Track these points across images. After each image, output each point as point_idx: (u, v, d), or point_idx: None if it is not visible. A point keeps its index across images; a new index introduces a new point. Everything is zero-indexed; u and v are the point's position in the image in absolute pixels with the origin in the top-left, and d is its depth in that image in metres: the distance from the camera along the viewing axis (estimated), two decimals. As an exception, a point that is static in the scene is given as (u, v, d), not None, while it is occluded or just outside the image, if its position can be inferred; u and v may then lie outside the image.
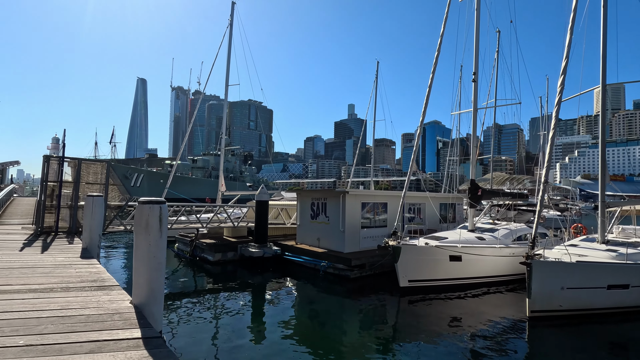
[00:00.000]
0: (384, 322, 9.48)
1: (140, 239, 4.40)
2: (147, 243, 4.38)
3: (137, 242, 4.41)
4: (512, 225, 14.06)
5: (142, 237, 4.39)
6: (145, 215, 4.39)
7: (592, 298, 9.04)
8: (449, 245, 11.32)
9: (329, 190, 14.83)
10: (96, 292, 4.85)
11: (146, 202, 4.45)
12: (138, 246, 4.40)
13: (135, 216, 4.44)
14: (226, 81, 22.67)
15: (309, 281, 13.01)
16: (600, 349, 7.88)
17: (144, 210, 4.40)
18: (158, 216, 4.46)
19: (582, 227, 17.60)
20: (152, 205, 4.43)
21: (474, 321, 9.20)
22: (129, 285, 10.15)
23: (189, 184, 57.98)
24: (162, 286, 4.55)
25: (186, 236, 17.07)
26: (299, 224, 16.05)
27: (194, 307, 9.95)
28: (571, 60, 10.19)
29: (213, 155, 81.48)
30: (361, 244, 14.26)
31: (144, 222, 4.39)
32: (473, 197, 13.30)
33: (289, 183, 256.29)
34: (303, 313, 10.03)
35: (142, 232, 4.39)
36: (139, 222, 4.41)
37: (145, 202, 4.45)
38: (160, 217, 4.48)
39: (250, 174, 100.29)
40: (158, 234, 4.46)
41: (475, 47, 13.79)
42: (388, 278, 13.18)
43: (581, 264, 8.88)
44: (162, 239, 4.52)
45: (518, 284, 12.54)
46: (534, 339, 8.27)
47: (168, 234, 17.05)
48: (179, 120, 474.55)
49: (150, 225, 4.40)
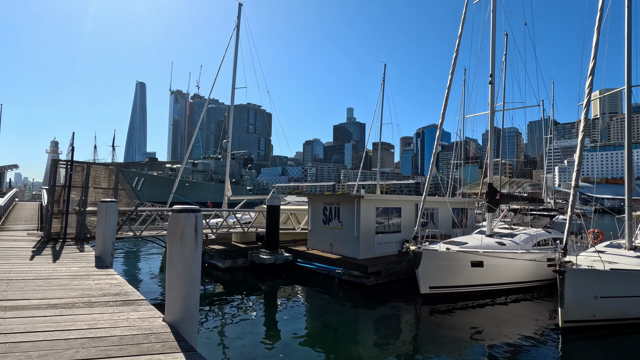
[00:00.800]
0: (404, 332, 9.10)
1: (174, 250, 4.03)
2: (182, 255, 4.02)
3: (172, 254, 4.05)
4: (530, 230, 13.73)
5: (177, 248, 4.03)
6: (180, 224, 4.03)
7: (626, 307, 8.69)
8: (471, 251, 10.97)
9: (342, 195, 14.48)
10: (123, 308, 4.47)
11: (181, 210, 4.10)
12: (172, 258, 4.04)
13: (170, 226, 4.09)
14: (233, 84, 22.34)
15: (324, 289, 12.61)
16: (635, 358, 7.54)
17: (179, 220, 4.04)
18: (194, 226, 4.11)
19: (599, 232, 17.27)
20: (188, 214, 4.08)
21: (501, 331, 8.84)
22: (152, 299, 9.76)
23: (191, 188, 57.56)
24: (198, 302, 4.18)
25: (194, 242, 16.65)
26: (310, 229, 15.67)
27: (207, 316, 9.54)
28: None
29: (214, 158, 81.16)
30: (375, 249, 13.90)
31: (179, 233, 4.03)
32: (491, 201, 12.98)
33: (288, 187, 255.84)
34: (320, 323, 9.64)
35: (177, 243, 4.03)
36: (174, 233, 4.05)
37: (180, 210, 4.10)
38: (195, 227, 4.12)
39: (250, 178, 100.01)
40: (194, 245, 4.10)
41: (492, 49, 13.53)
42: (405, 285, 12.83)
43: (616, 272, 8.54)
44: (197, 251, 4.16)
45: (540, 290, 12.21)
46: (569, 351, 7.91)
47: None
48: (177, 124, 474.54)
49: (185, 236, 4.04)
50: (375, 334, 8.86)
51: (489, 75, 13.42)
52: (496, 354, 7.55)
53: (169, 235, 4.09)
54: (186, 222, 4.05)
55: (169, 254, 4.08)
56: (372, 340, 8.45)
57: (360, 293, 12.00)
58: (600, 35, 9.85)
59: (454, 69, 11.62)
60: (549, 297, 11.77)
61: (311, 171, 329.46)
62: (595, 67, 9.70)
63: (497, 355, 7.49)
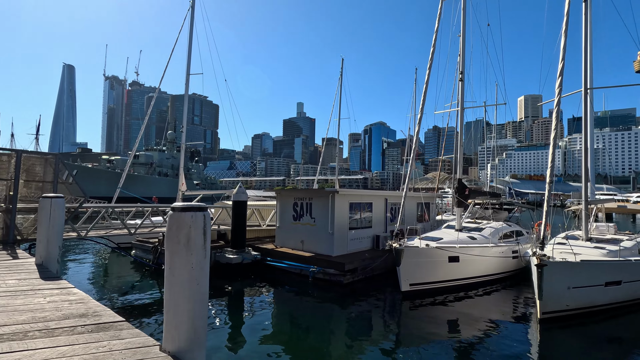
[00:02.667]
0: (385, 330, 8.84)
1: (177, 259, 3.16)
2: (188, 265, 3.15)
3: (173, 264, 3.17)
4: (494, 224, 14.32)
5: (182, 257, 3.15)
6: (185, 227, 3.16)
7: (592, 296, 9.25)
8: (449, 246, 11.04)
9: (315, 190, 13.89)
10: (99, 335, 3.46)
11: (185, 209, 3.22)
12: (174, 270, 3.16)
13: (170, 229, 3.19)
14: (187, 69, 20.48)
15: (297, 288, 11.96)
16: (604, 344, 8.03)
17: (184, 221, 3.17)
18: (202, 228, 3.26)
19: (547, 224, 18.62)
20: (195, 213, 3.21)
21: (481, 325, 8.93)
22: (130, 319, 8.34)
23: (133, 182, 52.87)
24: (206, 325, 3.34)
25: (147, 242, 14.97)
26: (278, 226, 14.86)
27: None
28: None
29: (157, 150, 75.69)
30: (349, 246, 13.54)
31: (184, 237, 3.16)
32: (462, 196, 13.26)
33: (237, 181, 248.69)
34: (293, 325, 9.01)
35: (181, 250, 3.16)
36: (176, 237, 3.17)
37: (184, 209, 3.22)
38: (204, 230, 3.28)
39: (197, 172, 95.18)
40: (202, 253, 3.25)
41: (462, 47, 13.79)
42: (380, 281, 12.65)
43: (585, 263, 9.03)
44: (206, 260, 3.31)
45: (505, 281, 12.74)
46: (549, 340, 8.18)
47: (125, 239, 14.73)
48: (113, 113, 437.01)
49: (192, 241, 3.18)
50: (354, 334, 8.46)
51: (460, 73, 13.67)
52: (480, 348, 7.54)
53: (170, 241, 3.20)
54: (193, 224, 3.19)
55: (169, 264, 3.20)
56: (351, 340, 8.03)
57: (336, 291, 11.54)
58: (567, 38, 10.33)
59: (431, 64, 11.59)
60: (513, 288, 12.35)
61: (260, 165, 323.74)
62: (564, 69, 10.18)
63: (481, 349, 7.47)
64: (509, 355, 7.24)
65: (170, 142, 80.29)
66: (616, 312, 9.65)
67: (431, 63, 11.59)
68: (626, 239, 11.64)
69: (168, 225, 3.24)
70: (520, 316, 9.60)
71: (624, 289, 9.57)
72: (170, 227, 3.20)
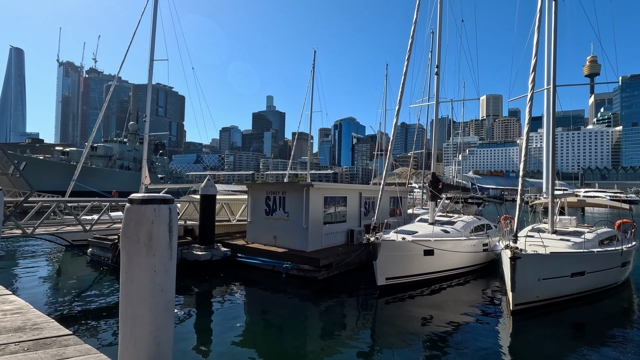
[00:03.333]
0: (363, 327, 8.60)
1: (136, 262, 2.63)
2: (150, 268, 2.63)
3: (131, 268, 2.63)
4: (465, 218, 14.54)
5: (142, 259, 2.63)
6: (146, 222, 2.63)
7: (559, 286, 9.52)
8: (424, 240, 11.00)
9: (289, 183, 13.39)
10: (37, 355, 2.84)
11: (146, 200, 2.68)
12: (133, 275, 2.63)
13: (127, 225, 2.65)
14: (151, 54, 19.13)
15: (270, 286, 11.48)
16: (571, 330, 8.28)
17: (145, 215, 2.63)
18: (167, 224, 2.74)
19: (511, 218, 19.32)
20: (159, 206, 2.69)
21: (458, 318, 8.95)
22: (80, 333, 7.49)
23: (91, 175, 49.61)
24: (172, 338, 2.83)
25: (105, 239, 13.85)
26: (250, 221, 14.25)
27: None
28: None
29: (118, 142, 71.58)
30: (323, 241, 13.22)
31: (145, 235, 2.63)
32: (435, 190, 13.31)
33: (204, 175, 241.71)
34: (269, 325, 8.57)
35: (141, 250, 2.63)
36: (134, 235, 2.63)
37: (144, 200, 2.68)
38: (170, 226, 2.76)
39: (162, 165, 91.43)
40: (167, 254, 2.74)
41: (438, 41, 13.77)
42: (354, 276, 12.45)
43: (554, 255, 9.25)
44: (172, 261, 2.80)
45: (476, 273, 12.97)
46: (522, 330, 8.30)
47: (80, 236, 13.53)
48: (68, 101, 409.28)
49: (155, 240, 2.66)
50: (331, 332, 8.16)
51: (435, 67, 13.66)
52: (457, 341, 7.49)
53: (126, 239, 2.65)
54: (156, 219, 2.67)
55: (126, 268, 2.66)
56: (328, 339, 7.72)
57: (311, 288, 11.19)
58: (539, 35, 10.50)
59: (409, 55, 11.42)
60: (483, 279, 12.59)
61: (229, 159, 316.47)
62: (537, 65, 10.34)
63: (458, 343, 7.43)
64: (485, 347, 7.23)
65: (132, 133, 76.22)
66: (579, 302, 10.01)
67: (409, 54, 11.43)
68: (587, 232, 12.15)
69: (125, 220, 2.69)
70: (492, 308, 9.72)
71: (587, 279, 9.94)
72: (127, 223, 2.65)
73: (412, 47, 11.32)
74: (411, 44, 11.40)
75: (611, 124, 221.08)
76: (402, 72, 11.48)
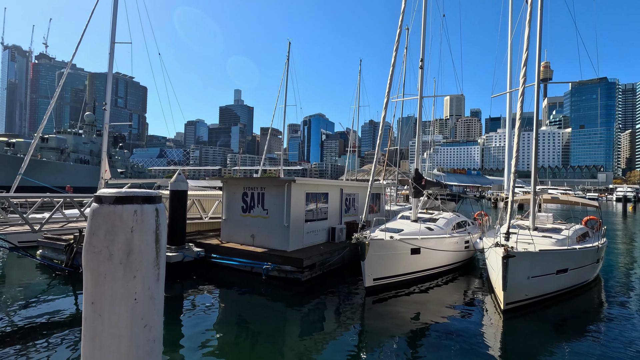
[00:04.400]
0: (351, 331, 8.05)
1: (107, 287, 1.83)
2: (128, 296, 1.85)
3: (99, 296, 1.84)
4: (445, 214, 14.41)
5: (116, 282, 1.84)
6: (124, 229, 1.85)
7: (546, 284, 9.47)
8: (412, 238, 10.62)
9: (269, 178, 12.53)
10: None
11: (121, 198, 1.88)
12: (101, 306, 1.83)
13: (92, 234, 1.83)
14: (112, 35, 17.39)
15: (248, 289, 10.64)
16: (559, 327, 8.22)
17: (122, 219, 1.85)
18: (154, 231, 1.95)
19: (484, 214, 19.63)
20: (142, 206, 1.89)
21: (447, 319, 8.61)
22: (23, 343, 6.29)
23: (42, 169, 45.54)
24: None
25: (58, 239, 12.33)
26: (225, 219, 13.24)
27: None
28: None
29: (72, 134, 66.54)
30: (305, 239, 12.53)
31: (122, 248, 1.84)
32: (419, 186, 13.02)
33: (168, 170, 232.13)
34: (249, 333, 7.81)
35: (115, 270, 1.84)
36: (105, 249, 1.84)
37: (120, 198, 1.87)
38: (157, 234, 1.97)
39: (122, 159, 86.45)
40: (154, 274, 1.95)
41: (423, 35, 13.44)
42: (337, 276, 11.89)
43: (543, 253, 9.16)
44: (159, 284, 2.01)
45: (458, 271, 12.85)
46: (513, 329, 8.11)
47: (28, 237, 11.94)
48: (15, 88, 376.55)
49: (136, 254, 1.87)
50: (318, 338, 7.54)
51: (420, 60, 13.33)
52: (449, 344, 7.14)
53: (92, 255, 1.84)
54: (138, 225, 1.88)
55: (92, 296, 1.85)
56: (315, 346, 7.10)
57: (293, 290, 10.48)
58: (530, 29, 10.38)
59: (397, 46, 10.88)
60: (465, 277, 12.47)
61: (194, 154, 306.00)
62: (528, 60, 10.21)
63: (451, 345, 7.08)
64: (478, 348, 6.93)
65: (88, 124, 71.15)
66: (561, 299, 10.04)
67: (397, 45, 10.89)
68: (564, 228, 12.35)
69: (90, 227, 1.86)
70: (481, 308, 9.50)
71: (569, 276, 9.99)
72: (94, 231, 1.83)
73: (400, 37, 10.82)
74: (399, 33, 10.90)
75: (562, 126, 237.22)
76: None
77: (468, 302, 9.96)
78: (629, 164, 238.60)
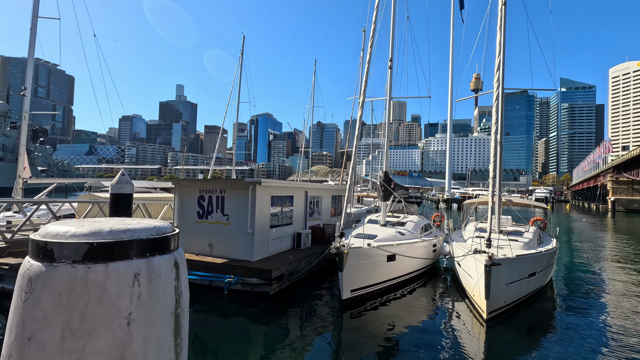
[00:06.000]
0: (330, 349, 7.26)
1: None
2: None
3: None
4: (411, 218, 14.23)
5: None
6: (110, 324, 0.76)
7: (520, 289, 9.48)
8: (388, 244, 10.08)
9: (230, 180, 11.18)
10: None
11: (101, 246, 0.80)
12: None
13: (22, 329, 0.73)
14: (34, 8, 14.64)
15: (208, 306, 9.31)
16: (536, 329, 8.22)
17: (106, 301, 0.76)
18: (171, 313, 0.90)
19: (442, 216, 20.06)
20: (150, 262, 0.83)
21: (431, 330, 8.20)
22: None
23: None
24: None
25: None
26: (177, 226, 11.62)
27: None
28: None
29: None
30: (269, 247, 11.42)
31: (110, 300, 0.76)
32: (387, 190, 12.61)
33: (99, 168, 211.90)
34: (214, 357, 6.64)
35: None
36: (66, 310, 0.76)
37: (97, 247, 0.80)
38: (178, 310, 0.92)
39: (43, 155, 76.85)
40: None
41: (392, 35, 13.10)
42: (306, 286, 10.97)
43: (520, 258, 9.13)
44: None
45: (428, 275, 12.64)
46: (496, 339, 7.89)
47: None
48: None
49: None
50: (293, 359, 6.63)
51: (389, 60, 12.96)
52: (435, 356, 6.68)
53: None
54: (138, 311, 0.82)
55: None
56: None
57: (260, 306, 9.36)
58: (504, 35, 10.44)
59: (372, 42, 10.31)
60: (433, 281, 12.30)
61: (130, 152, 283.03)
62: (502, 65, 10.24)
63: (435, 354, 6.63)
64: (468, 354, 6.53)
65: (1, 115, 61.79)
66: (530, 301, 10.18)
67: (372, 41, 10.30)
68: (524, 230, 12.74)
69: (21, 314, 0.77)
70: (459, 317, 9.21)
71: (537, 279, 10.18)
72: (32, 332, 0.75)
73: (374, 34, 10.27)
74: (374, 30, 10.34)
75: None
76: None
77: (446, 312, 9.57)
78: (544, 168, 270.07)
